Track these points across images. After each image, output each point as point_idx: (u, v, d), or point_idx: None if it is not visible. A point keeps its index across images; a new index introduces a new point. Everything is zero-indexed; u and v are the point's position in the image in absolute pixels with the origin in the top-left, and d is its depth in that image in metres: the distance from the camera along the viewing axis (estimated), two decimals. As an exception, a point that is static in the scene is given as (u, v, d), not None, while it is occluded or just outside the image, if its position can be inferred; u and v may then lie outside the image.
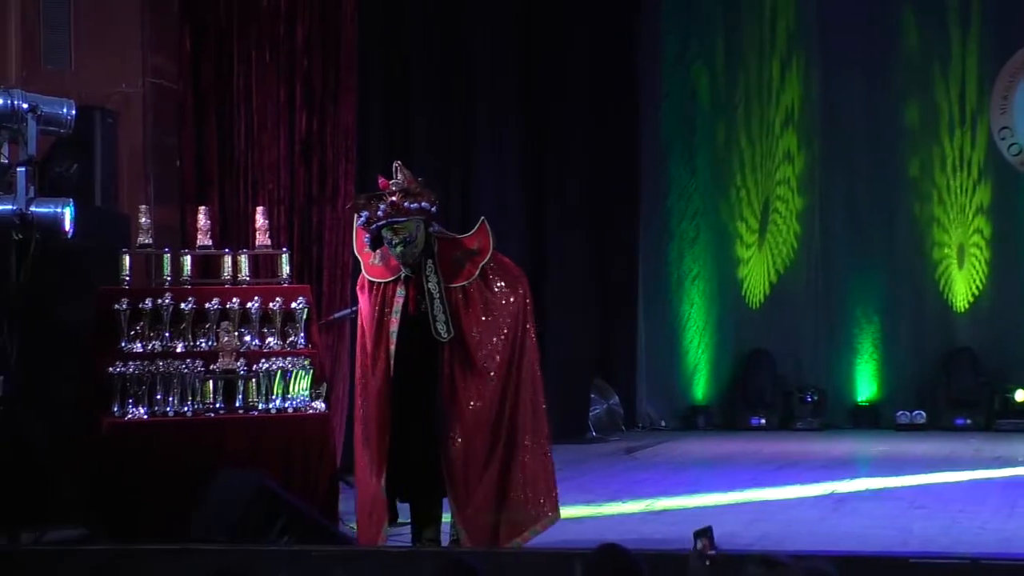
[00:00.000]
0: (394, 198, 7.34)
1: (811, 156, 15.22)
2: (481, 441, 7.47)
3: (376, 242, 7.47)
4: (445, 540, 7.64)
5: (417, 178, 7.49)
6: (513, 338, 7.54)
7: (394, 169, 7.49)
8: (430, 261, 7.42)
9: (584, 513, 9.10)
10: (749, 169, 15.33)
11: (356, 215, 7.53)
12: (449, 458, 7.44)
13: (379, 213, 7.37)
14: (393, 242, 7.36)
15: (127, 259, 8.67)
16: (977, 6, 14.89)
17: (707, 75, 15.39)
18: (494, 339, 7.50)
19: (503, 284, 7.59)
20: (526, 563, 7.11)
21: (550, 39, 14.21)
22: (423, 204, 7.39)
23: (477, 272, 7.48)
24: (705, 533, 4.80)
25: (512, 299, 7.58)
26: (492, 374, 7.50)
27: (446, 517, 7.66)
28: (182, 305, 8.50)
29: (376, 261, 7.59)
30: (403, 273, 7.47)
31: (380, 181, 7.49)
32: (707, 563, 4.78)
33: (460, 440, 7.45)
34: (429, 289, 7.39)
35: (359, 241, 7.67)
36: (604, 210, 14.78)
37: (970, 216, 14.95)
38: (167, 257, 8.79)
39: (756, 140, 15.33)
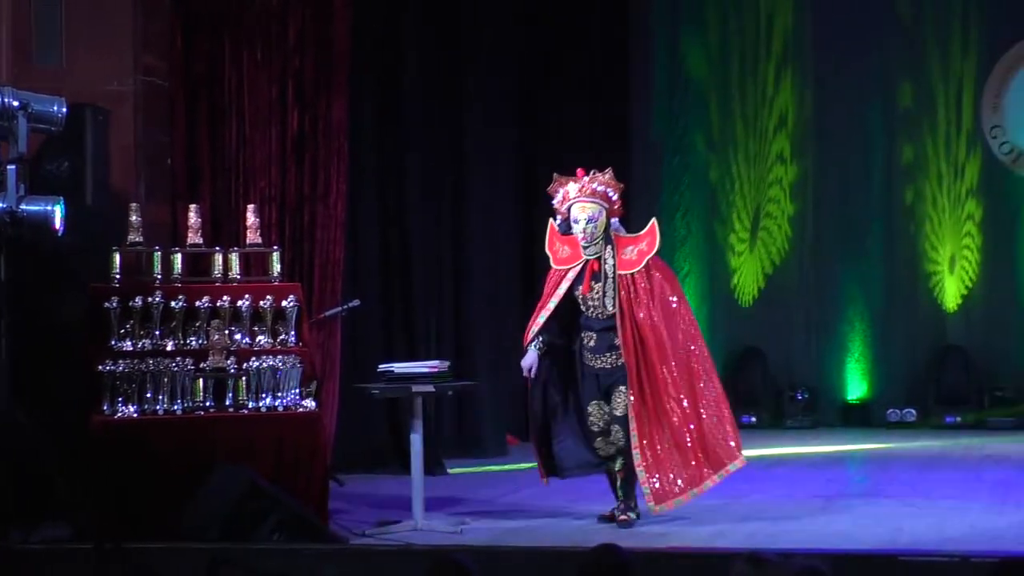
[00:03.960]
0: (586, 181, 8.69)
1: (804, 155, 15.23)
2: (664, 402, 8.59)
3: (566, 224, 8.73)
4: None
5: (607, 171, 8.76)
6: (684, 319, 8.86)
7: (591, 172, 8.76)
8: (609, 247, 8.67)
9: (572, 510, 9.09)
10: (742, 167, 15.33)
11: (552, 197, 8.80)
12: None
13: (572, 193, 8.68)
14: (579, 219, 8.62)
15: (117, 257, 8.67)
16: (972, 6, 14.90)
17: (701, 72, 15.39)
18: (662, 314, 8.71)
19: (663, 279, 8.82)
20: (521, 562, 7.12)
21: (545, 39, 14.20)
22: (608, 191, 8.70)
23: (642, 264, 8.67)
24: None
25: (672, 289, 8.91)
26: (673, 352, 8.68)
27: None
28: (172, 303, 8.51)
29: (563, 254, 8.83)
30: (585, 257, 8.68)
31: (579, 171, 8.77)
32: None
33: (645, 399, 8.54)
34: (605, 271, 8.64)
35: (551, 240, 8.88)
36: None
37: (961, 215, 14.97)
38: (158, 255, 8.79)
39: (749, 138, 15.33)
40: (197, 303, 8.57)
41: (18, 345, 7.94)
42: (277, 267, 9.00)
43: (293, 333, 8.68)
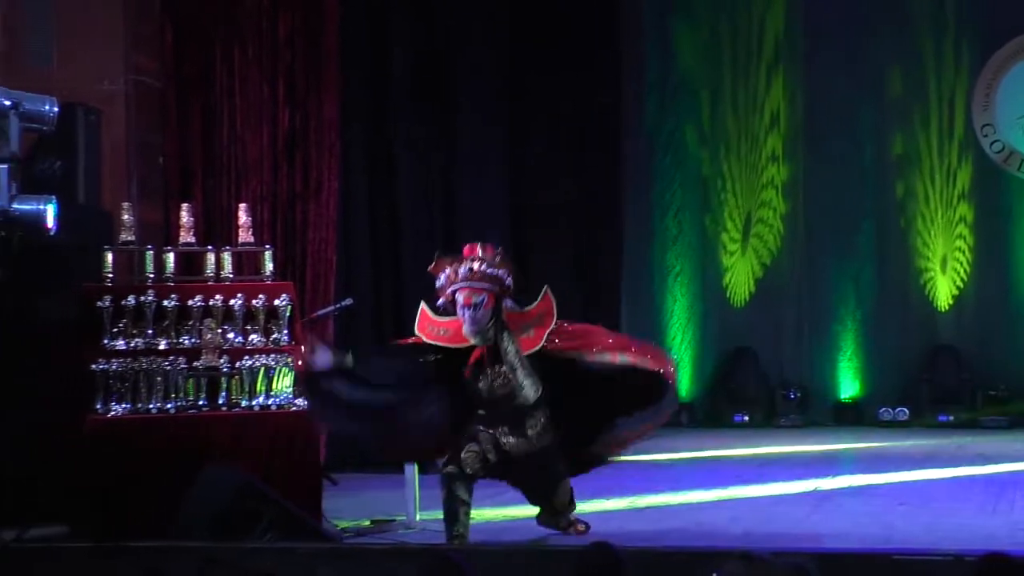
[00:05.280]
0: (474, 264, 7.72)
1: (796, 155, 15.24)
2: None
3: (450, 307, 7.78)
4: None
5: (498, 251, 7.85)
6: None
7: (481, 245, 7.86)
8: (505, 333, 7.74)
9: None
10: (734, 166, 15.34)
11: (436, 275, 7.80)
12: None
13: (456, 276, 7.71)
14: (465, 306, 7.66)
15: (110, 256, 8.66)
16: (963, 5, 14.92)
17: (692, 69, 15.40)
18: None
19: (569, 347, 7.86)
20: (514, 560, 7.11)
21: (534, 34, 14.20)
22: (499, 273, 7.74)
23: (543, 340, 7.78)
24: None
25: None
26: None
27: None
28: (165, 302, 8.50)
29: (440, 333, 7.85)
30: (473, 343, 7.73)
31: (465, 248, 7.83)
32: None
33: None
34: (510, 360, 7.71)
35: (421, 322, 7.90)
36: (587, 206, 14.79)
37: (953, 214, 14.98)
38: (150, 254, 8.78)
39: (741, 137, 15.35)
40: (190, 302, 8.56)
41: (10, 344, 7.92)
42: (269, 266, 8.99)
43: (286, 332, 8.67)
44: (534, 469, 7.88)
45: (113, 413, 8.12)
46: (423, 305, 7.94)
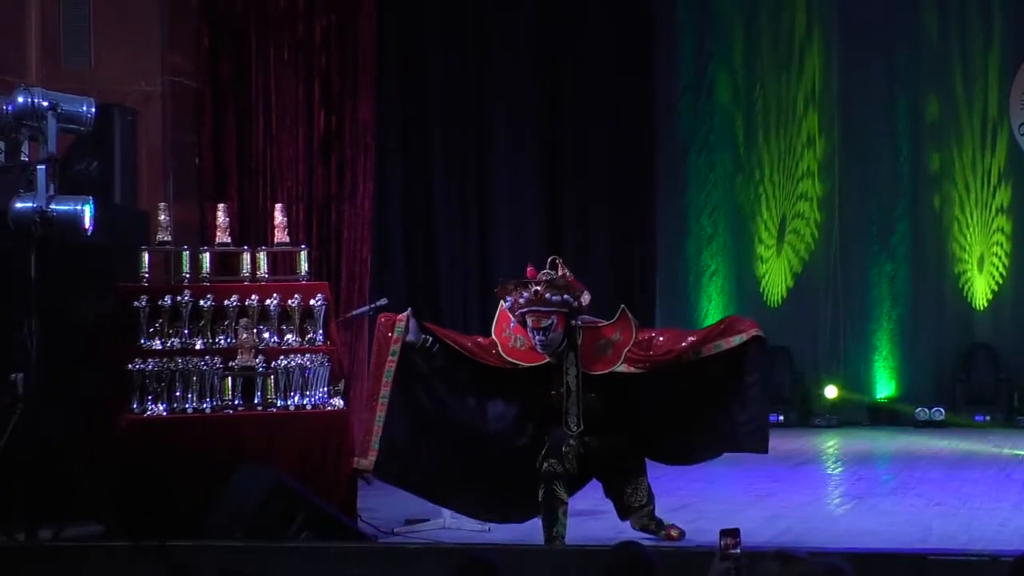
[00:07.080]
0: (538, 288, 7.59)
1: (830, 154, 15.19)
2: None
3: (520, 327, 7.73)
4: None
5: (567, 273, 7.70)
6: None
7: (549, 262, 7.74)
8: (572, 354, 7.63)
9: (599, 510, 9.09)
10: (769, 165, 15.31)
11: (502, 300, 7.75)
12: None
13: (521, 300, 7.62)
14: (533, 329, 7.59)
15: (146, 256, 8.69)
16: (998, 4, 14.85)
17: (726, 70, 15.37)
18: None
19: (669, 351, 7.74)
20: (545, 560, 7.12)
21: (568, 35, 14.20)
22: (565, 297, 7.60)
23: (620, 360, 7.65)
24: (731, 533, 4.77)
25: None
26: None
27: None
28: (201, 302, 8.53)
29: (517, 345, 7.78)
30: (548, 360, 7.67)
31: (528, 270, 7.71)
32: (731, 565, 4.74)
33: None
34: (568, 382, 7.62)
35: (499, 324, 7.85)
36: (622, 206, 14.78)
37: (991, 213, 14.90)
38: (186, 254, 8.81)
39: (776, 136, 15.31)
40: (225, 302, 8.59)
41: (48, 344, 7.96)
42: (305, 266, 9.01)
43: (321, 332, 8.69)
44: (609, 461, 7.89)
45: (149, 413, 8.16)
46: (503, 305, 7.81)
